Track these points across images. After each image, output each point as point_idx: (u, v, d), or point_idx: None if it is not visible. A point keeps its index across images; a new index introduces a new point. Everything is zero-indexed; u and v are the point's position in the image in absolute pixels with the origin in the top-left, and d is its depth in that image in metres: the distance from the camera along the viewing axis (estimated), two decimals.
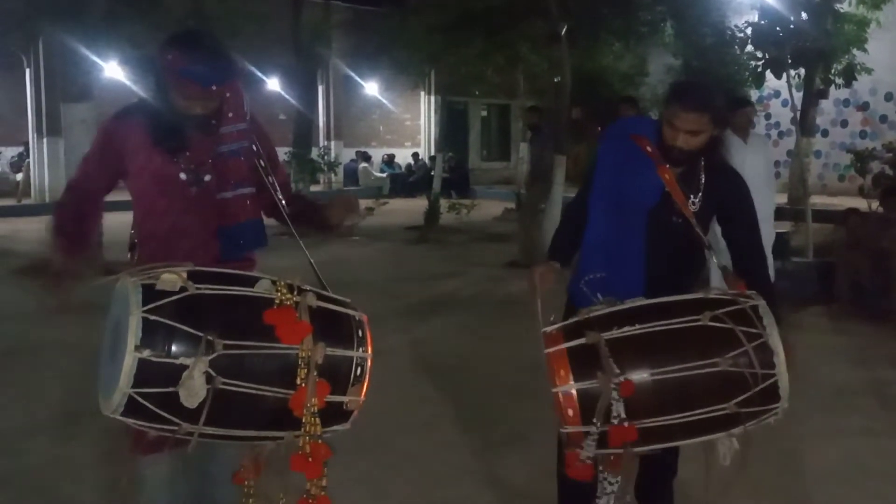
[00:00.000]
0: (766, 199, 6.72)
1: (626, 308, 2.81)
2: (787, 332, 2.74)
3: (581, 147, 17.01)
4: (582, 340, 2.69)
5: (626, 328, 2.69)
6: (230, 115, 2.89)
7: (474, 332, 7.80)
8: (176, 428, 2.39)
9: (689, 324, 2.68)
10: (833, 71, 15.49)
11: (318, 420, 2.46)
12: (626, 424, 2.62)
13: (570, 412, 2.67)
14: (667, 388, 2.65)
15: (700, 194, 3.14)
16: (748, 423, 2.68)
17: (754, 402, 2.63)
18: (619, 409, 2.62)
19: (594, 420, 2.63)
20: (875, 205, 9.66)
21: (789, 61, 11.03)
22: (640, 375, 2.64)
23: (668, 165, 3.09)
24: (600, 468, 2.84)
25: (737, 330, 2.64)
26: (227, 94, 2.87)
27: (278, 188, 3.00)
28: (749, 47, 13.36)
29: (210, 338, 2.33)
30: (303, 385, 2.43)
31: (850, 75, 14.41)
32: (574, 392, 2.67)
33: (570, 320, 2.84)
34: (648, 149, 3.11)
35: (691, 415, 2.65)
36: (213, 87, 2.78)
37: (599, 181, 3.29)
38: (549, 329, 2.81)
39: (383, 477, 4.46)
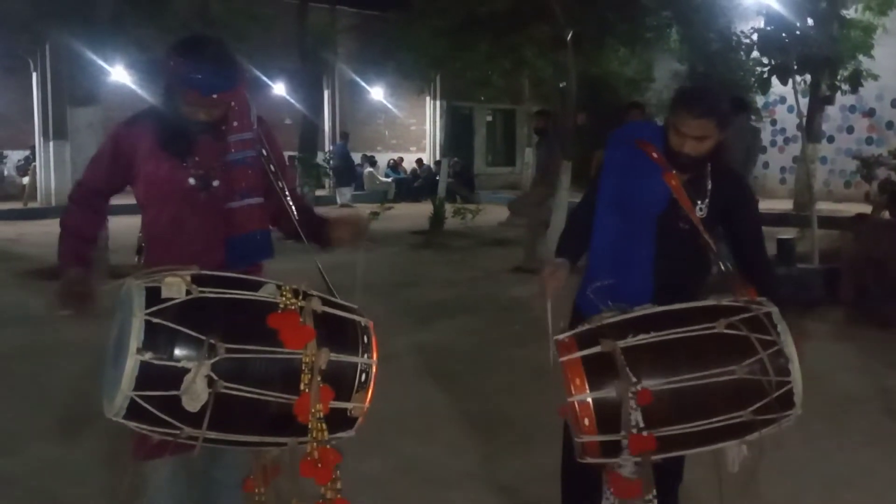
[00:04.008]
0: None
1: (639, 315, 2.80)
2: (798, 338, 2.73)
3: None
4: (597, 348, 2.67)
5: (641, 336, 2.68)
6: (235, 124, 2.88)
7: (479, 336, 7.79)
8: (178, 432, 2.38)
9: (705, 331, 2.67)
10: (839, 77, 15.47)
11: (324, 426, 2.45)
12: (644, 434, 2.61)
13: (587, 421, 2.65)
14: (684, 397, 2.64)
15: (707, 200, 3.13)
16: (764, 429, 2.68)
17: (771, 409, 2.63)
18: (637, 417, 2.60)
19: (622, 433, 2.61)
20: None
21: (795, 67, 11.00)
22: (656, 384, 2.63)
23: (674, 172, 3.08)
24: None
25: (752, 337, 2.64)
26: (232, 103, 2.86)
27: (288, 195, 3.00)
28: (755, 53, 13.35)
29: (212, 341, 2.33)
30: (307, 391, 2.42)
31: (856, 81, 14.35)
32: (590, 401, 2.65)
33: (584, 328, 2.82)
34: (654, 155, 3.10)
35: (708, 423, 2.64)
36: (214, 96, 2.77)
37: (606, 187, 3.27)
38: (561, 337, 2.79)
39: (388, 481, 4.45)
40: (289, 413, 2.43)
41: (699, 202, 3.11)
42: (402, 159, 27.25)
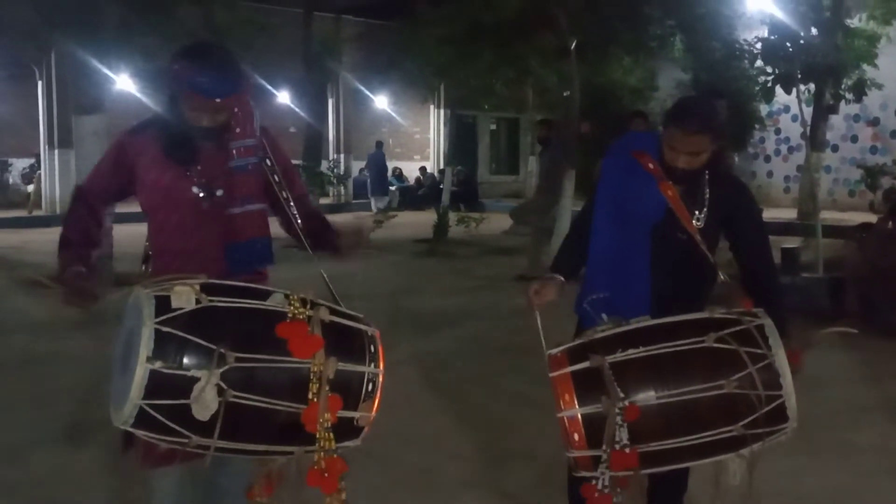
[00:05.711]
0: None
1: (630, 329, 2.80)
2: (801, 348, 2.72)
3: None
4: (586, 364, 2.68)
5: (630, 351, 2.68)
6: (237, 130, 2.89)
7: (483, 344, 7.79)
8: (186, 441, 2.39)
9: (694, 345, 2.66)
10: (843, 86, 15.48)
11: (331, 435, 2.45)
12: (627, 451, 2.61)
13: (576, 437, 2.66)
14: (672, 412, 2.63)
15: (705, 209, 3.11)
16: (756, 444, 2.66)
17: (761, 423, 2.62)
18: (622, 434, 2.60)
19: (604, 447, 2.62)
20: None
21: (799, 76, 11.03)
22: (645, 399, 2.63)
23: (670, 182, 3.07)
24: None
25: (741, 351, 2.62)
26: (236, 109, 2.87)
27: (293, 203, 3.00)
28: (759, 62, 13.39)
29: (222, 350, 2.34)
30: (315, 400, 2.43)
31: (860, 90, 14.40)
32: (579, 416, 2.66)
33: (575, 342, 2.83)
34: (650, 165, 3.09)
35: (698, 438, 2.63)
36: (218, 100, 2.78)
37: (603, 197, 3.27)
38: (554, 351, 2.80)
39: (391, 491, 4.45)
40: (297, 422, 2.43)
41: (696, 212, 3.10)
42: (400, 169, 27.21)
